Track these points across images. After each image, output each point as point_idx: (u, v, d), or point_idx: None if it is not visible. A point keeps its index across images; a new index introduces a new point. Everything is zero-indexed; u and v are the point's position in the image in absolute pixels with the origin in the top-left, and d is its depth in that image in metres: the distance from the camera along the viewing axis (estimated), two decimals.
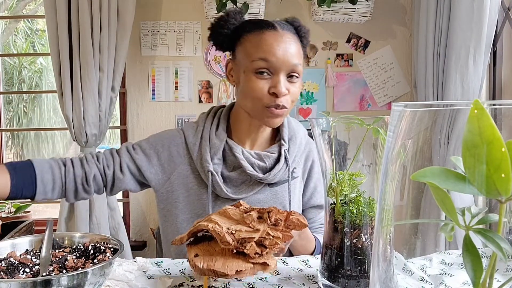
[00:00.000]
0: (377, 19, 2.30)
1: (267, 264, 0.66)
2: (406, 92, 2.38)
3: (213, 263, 0.65)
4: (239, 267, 0.64)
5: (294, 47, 0.92)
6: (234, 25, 0.97)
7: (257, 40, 0.92)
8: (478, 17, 1.77)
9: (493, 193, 0.24)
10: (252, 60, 0.91)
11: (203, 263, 0.65)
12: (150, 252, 2.35)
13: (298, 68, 0.92)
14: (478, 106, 0.23)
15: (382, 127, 0.62)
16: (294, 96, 0.94)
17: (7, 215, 2.07)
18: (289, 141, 1.02)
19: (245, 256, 0.66)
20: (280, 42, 0.91)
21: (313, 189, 1.08)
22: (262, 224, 0.67)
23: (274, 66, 0.90)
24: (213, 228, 0.66)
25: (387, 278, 0.33)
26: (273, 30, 0.92)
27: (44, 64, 4.51)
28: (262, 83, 0.91)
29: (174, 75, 2.34)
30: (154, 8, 2.31)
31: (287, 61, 0.90)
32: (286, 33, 0.93)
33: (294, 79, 0.93)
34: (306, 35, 0.99)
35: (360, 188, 0.67)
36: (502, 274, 0.31)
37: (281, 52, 0.90)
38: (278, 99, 0.90)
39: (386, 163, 0.31)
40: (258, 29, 0.93)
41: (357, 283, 0.65)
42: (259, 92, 0.91)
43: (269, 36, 0.91)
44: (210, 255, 0.67)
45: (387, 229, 0.32)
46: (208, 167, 0.96)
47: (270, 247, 0.67)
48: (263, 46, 0.90)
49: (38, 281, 0.55)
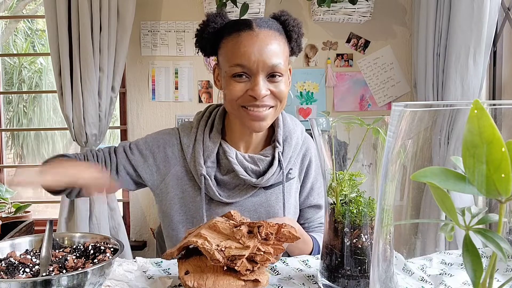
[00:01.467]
0: (377, 19, 2.30)
1: (258, 281, 0.66)
2: (406, 92, 2.38)
3: (203, 281, 0.64)
4: (230, 286, 0.64)
5: (274, 46, 0.89)
6: (214, 29, 0.94)
7: (233, 44, 0.90)
8: (478, 17, 1.77)
9: (493, 193, 0.23)
10: (230, 66, 0.90)
11: (194, 281, 0.65)
12: (150, 252, 2.35)
13: (279, 67, 0.89)
14: (478, 106, 0.23)
15: (382, 127, 0.62)
16: (280, 95, 0.91)
17: (7, 215, 2.07)
18: (284, 143, 1.00)
19: (236, 272, 0.66)
20: (255, 44, 0.88)
21: (310, 189, 1.07)
22: (252, 239, 0.66)
23: (251, 69, 0.88)
24: (202, 246, 0.65)
25: (387, 278, 0.33)
26: (249, 30, 0.89)
27: (44, 64, 4.51)
28: (240, 86, 0.89)
29: (174, 75, 2.34)
30: (154, 8, 2.31)
31: (263, 63, 0.87)
32: (263, 32, 0.89)
33: (276, 78, 0.90)
34: (295, 28, 0.95)
35: (360, 188, 0.67)
36: (502, 274, 0.31)
37: (257, 54, 0.87)
38: (256, 100, 0.88)
39: (386, 163, 0.31)
40: (236, 31, 0.91)
41: (357, 283, 0.65)
42: (235, 94, 0.90)
43: (244, 39, 0.89)
44: (201, 272, 0.67)
45: (387, 229, 0.32)
46: (201, 171, 0.95)
47: (261, 263, 0.66)
48: (238, 50, 0.89)
49: (38, 281, 0.55)
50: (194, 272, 0.67)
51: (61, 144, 4.87)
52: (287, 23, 0.95)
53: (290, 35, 0.95)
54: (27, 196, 3.26)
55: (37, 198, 2.76)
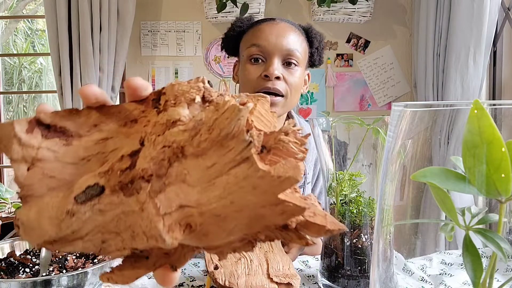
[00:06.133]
0: (377, 19, 2.30)
1: (291, 284, 0.64)
2: (406, 92, 2.38)
3: (235, 280, 0.62)
4: (263, 287, 0.62)
5: (292, 35, 0.89)
6: (240, 28, 0.97)
7: (253, 31, 0.92)
8: (478, 17, 1.77)
9: (493, 193, 0.23)
10: (247, 47, 0.90)
11: (225, 279, 0.62)
12: None
13: (295, 53, 0.88)
14: (478, 106, 0.23)
15: (382, 127, 0.62)
16: (293, 86, 0.89)
17: (7, 215, 2.06)
18: None
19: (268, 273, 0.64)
20: (274, 29, 0.89)
21: (319, 193, 1.07)
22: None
23: (267, 50, 0.88)
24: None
25: (387, 278, 0.33)
26: (271, 21, 0.91)
27: (44, 64, 4.51)
28: (254, 68, 0.89)
29: (174, 75, 2.34)
30: (154, 8, 2.31)
31: (280, 45, 0.87)
32: (285, 24, 0.91)
33: (292, 66, 0.89)
34: (318, 36, 0.97)
35: (360, 188, 0.67)
36: (502, 274, 0.31)
37: (274, 36, 0.88)
38: (270, 81, 0.87)
39: (386, 163, 0.31)
40: (257, 24, 0.93)
41: (357, 283, 0.65)
42: (251, 76, 0.89)
43: (265, 26, 0.91)
44: (231, 267, 0.64)
45: (387, 229, 0.32)
46: None
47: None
48: (257, 33, 0.90)
49: (38, 281, 0.55)
50: (224, 268, 0.65)
51: None
52: (310, 30, 0.97)
53: (312, 41, 0.96)
54: None
55: None
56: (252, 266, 0.65)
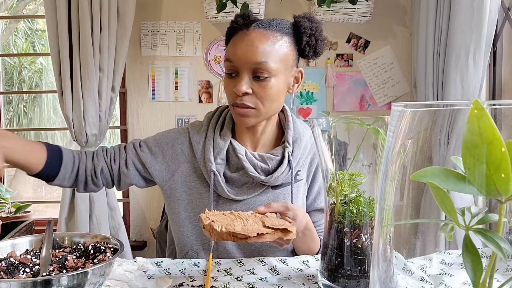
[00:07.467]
0: (377, 19, 2.30)
1: (288, 230, 0.65)
2: (406, 92, 2.38)
3: (232, 227, 0.63)
4: (260, 230, 0.63)
5: (265, 45, 0.89)
6: (233, 28, 0.98)
7: (229, 43, 0.96)
8: (478, 17, 1.77)
9: (493, 193, 0.24)
10: (224, 61, 0.95)
11: (222, 226, 0.63)
12: (150, 252, 2.35)
13: (265, 66, 0.89)
14: (478, 106, 0.23)
15: (382, 127, 0.62)
16: (264, 98, 0.91)
17: (7, 215, 2.06)
18: (293, 144, 1.01)
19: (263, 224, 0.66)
20: (243, 41, 0.91)
21: (317, 193, 1.07)
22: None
23: (235, 66, 0.91)
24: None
25: (387, 278, 0.33)
26: (245, 30, 0.92)
27: (44, 64, 4.51)
28: (230, 82, 0.94)
29: (174, 75, 2.34)
30: (154, 8, 2.31)
31: (248, 60, 0.89)
32: (256, 31, 0.91)
33: (262, 79, 0.90)
34: (309, 30, 0.95)
35: (360, 188, 0.67)
36: (502, 274, 0.31)
37: (242, 51, 0.90)
38: (238, 97, 0.91)
39: (386, 163, 0.31)
40: (233, 33, 0.95)
41: (357, 283, 0.65)
42: (227, 89, 0.95)
43: (237, 38, 0.93)
44: (227, 222, 0.66)
45: (387, 229, 0.32)
46: (211, 167, 0.97)
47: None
48: (229, 47, 0.94)
49: (38, 281, 0.55)
50: (220, 222, 0.66)
51: (61, 144, 4.87)
52: (300, 24, 0.95)
53: (300, 37, 0.96)
54: (27, 196, 3.27)
55: (37, 198, 2.76)
56: (248, 224, 0.66)
